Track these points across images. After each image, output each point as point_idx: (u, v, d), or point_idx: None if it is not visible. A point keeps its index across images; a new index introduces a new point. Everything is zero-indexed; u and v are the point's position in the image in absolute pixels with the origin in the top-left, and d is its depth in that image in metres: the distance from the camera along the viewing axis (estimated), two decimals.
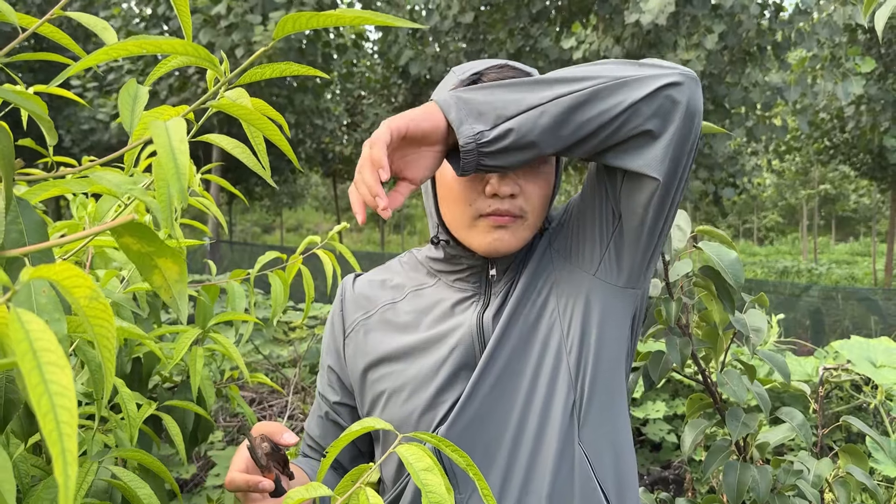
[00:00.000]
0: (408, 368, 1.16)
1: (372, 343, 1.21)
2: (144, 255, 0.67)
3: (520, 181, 1.09)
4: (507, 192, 1.08)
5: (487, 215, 1.09)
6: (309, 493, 0.76)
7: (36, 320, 0.41)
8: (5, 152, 0.61)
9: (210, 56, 0.67)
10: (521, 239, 1.12)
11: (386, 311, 1.22)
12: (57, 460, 0.37)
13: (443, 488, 0.71)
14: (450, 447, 0.75)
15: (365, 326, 1.23)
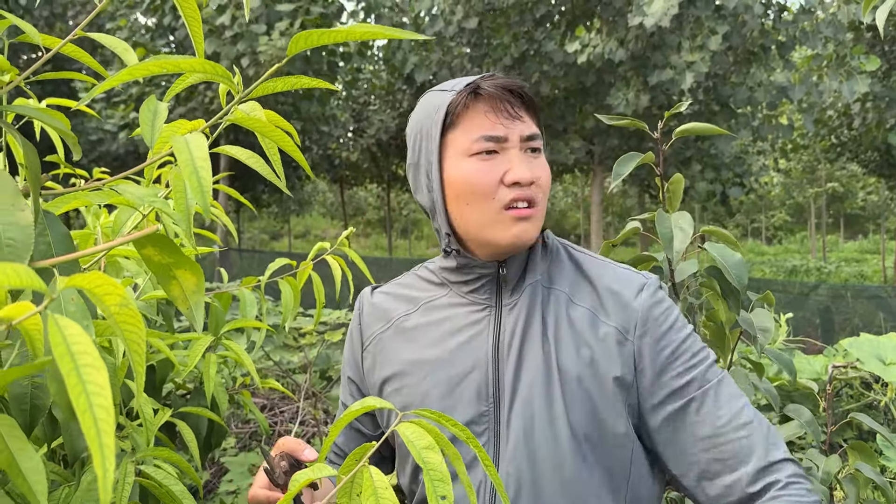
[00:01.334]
0: (420, 383, 1.17)
1: (388, 356, 1.22)
2: (164, 266, 0.70)
3: (532, 167, 1.11)
4: (528, 178, 1.09)
5: (510, 207, 1.10)
6: (315, 473, 0.78)
7: (73, 325, 0.43)
8: (33, 168, 0.64)
9: (226, 72, 0.70)
10: (538, 228, 1.13)
11: (401, 323, 1.23)
12: (96, 455, 0.39)
13: (444, 466, 0.72)
14: (450, 421, 0.76)
15: (381, 340, 1.25)
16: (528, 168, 1.10)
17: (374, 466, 1.30)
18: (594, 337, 1.10)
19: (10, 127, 0.65)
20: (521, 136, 1.11)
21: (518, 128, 1.11)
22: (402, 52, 16.30)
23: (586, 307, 1.12)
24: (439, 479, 0.71)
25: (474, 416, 1.12)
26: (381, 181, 27.59)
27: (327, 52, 15.33)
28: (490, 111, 1.11)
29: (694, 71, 11.79)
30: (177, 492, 0.95)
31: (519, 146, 1.11)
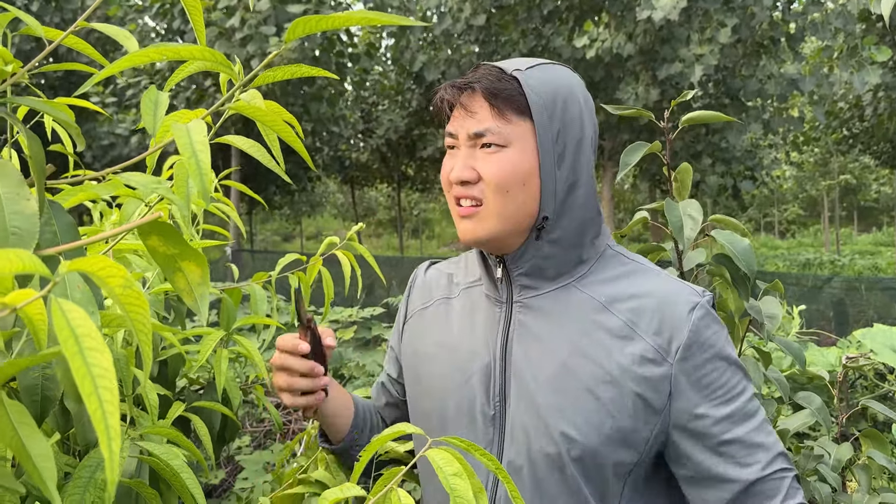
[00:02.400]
0: (437, 371, 1.21)
1: (421, 334, 1.28)
2: (169, 257, 0.70)
3: (476, 165, 1.10)
4: (455, 178, 1.11)
5: (456, 203, 1.13)
6: (343, 493, 0.79)
7: (76, 309, 0.44)
8: (37, 158, 0.64)
9: (225, 60, 0.70)
10: (490, 227, 1.09)
11: (440, 305, 1.27)
12: (102, 436, 0.40)
13: (471, 494, 0.73)
14: (479, 451, 0.77)
15: (422, 316, 1.30)
16: (463, 167, 1.10)
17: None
18: (621, 350, 1.05)
19: (13, 117, 0.65)
20: (468, 133, 1.10)
21: (466, 125, 1.11)
22: (411, 52, 16.31)
23: (622, 319, 1.07)
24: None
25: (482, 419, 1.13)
26: (391, 181, 27.64)
27: (336, 53, 15.37)
28: (455, 107, 1.15)
29: (703, 64, 11.73)
30: (176, 466, 0.95)
31: (469, 142, 1.11)
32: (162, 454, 0.99)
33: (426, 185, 27.28)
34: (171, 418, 1.31)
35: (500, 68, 1.12)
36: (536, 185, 1.09)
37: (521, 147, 1.09)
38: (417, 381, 1.25)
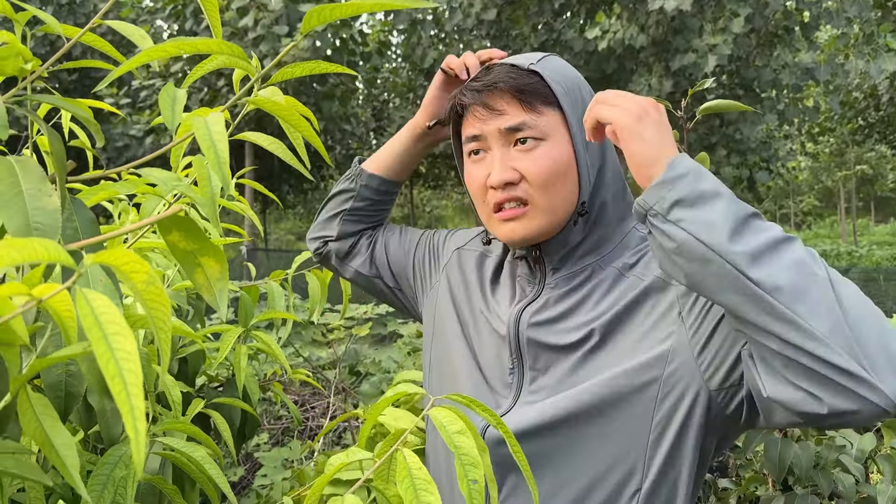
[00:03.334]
0: (455, 317, 1.25)
1: (458, 282, 1.30)
2: (189, 252, 0.71)
3: (516, 165, 1.07)
4: (497, 181, 1.07)
5: (496, 210, 1.10)
6: (349, 457, 0.79)
7: (100, 297, 0.44)
8: (58, 155, 0.65)
9: (243, 55, 0.70)
10: (538, 226, 1.09)
11: (479, 258, 1.30)
12: (127, 417, 0.40)
13: (475, 451, 0.73)
14: (480, 407, 0.77)
15: (461, 256, 1.33)
16: (503, 169, 1.07)
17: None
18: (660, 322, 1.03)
19: (35, 115, 0.66)
20: (500, 130, 1.08)
21: (495, 123, 1.08)
22: (422, 48, 16.29)
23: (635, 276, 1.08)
24: (470, 462, 0.72)
25: (501, 364, 1.15)
26: None
27: (347, 51, 15.40)
28: (470, 111, 1.12)
29: (716, 54, 11.65)
30: (199, 458, 0.96)
31: (501, 141, 1.09)
32: (184, 449, 1.00)
33: (438, 182, 27.26)
34: (191, 415, 1.32)
35: (512, 65, 1.11)
36: (574, 173, 1.09)
37: (556, 138, 1.08)
38: (450, 321, 1.27)
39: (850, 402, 0.77)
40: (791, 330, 0.78)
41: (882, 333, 0.79)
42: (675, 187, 0.87)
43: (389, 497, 0.77)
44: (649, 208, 0.89)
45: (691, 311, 1.00)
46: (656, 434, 1.01)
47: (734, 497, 1.81)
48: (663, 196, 0.87)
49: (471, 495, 0.70)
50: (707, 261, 0.83)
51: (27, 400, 0.62)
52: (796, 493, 1.52)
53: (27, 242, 0.45)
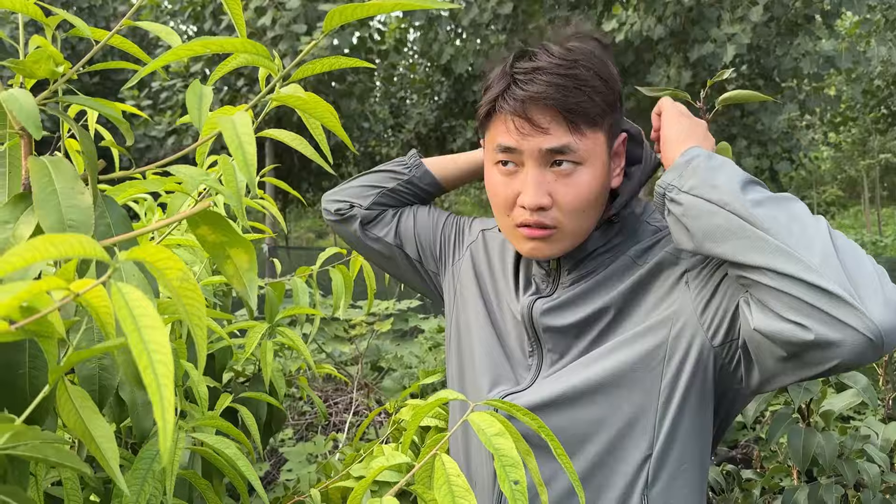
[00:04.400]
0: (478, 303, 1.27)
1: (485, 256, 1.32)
2: (218, 245, 0.72)
3: (551, 189, 1.05)
4: (532, 203, 1.05)
5: (521, 226, 1.09)
6: (390, 460, 0.81)
7: (134, 290, 0.46)
8: (90, 154, 0.67)
9: (267, 53, 0.72)
10: (563, 248, 1.10)
11: (503, 245, 1.31)
12: (157, 407, 0.42)
13: (514, 452, 0.74)
14: (521, 411, 0.78)
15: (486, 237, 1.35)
16: (537, 193, 1.04)
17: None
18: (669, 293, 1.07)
19: (66, 116, 0.68)
20: (540, 149, 1.04)
21: (535, 141, 1.04)
22: (439, 44, 16.28)
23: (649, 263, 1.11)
24: (511, 464, 0.73)
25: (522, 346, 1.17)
26: None
27: (365, 49, 15.43)
28: (509, 119, 1.06)
29: (735, 43, 11.53)
30: (230, 454, 0.98)
31: (538, 161, 1.05)
32: (215, 444, 1.02)
33: None
34: (219, 409, 1.34)
35: (561, 73, 1.04)
36: (607, 192, 1.11)
37: (594, 162, 1.07)
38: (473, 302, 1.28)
39: (835, 329, 0.81)
40: (784, 261, 0.85)
41: (873, 270, 0.85)
42: (691, 167, 0.98)
43: (429, 501, 0.78)
44: (667, 185, 1.00)
45: (697, 275, 1.04)
46: (664, 397, 1.03)
47: (758, 488, 1.81)
48: (680, 174, 0.99)
49: (513, 496, 0.70)
50: (712, 213, 0.92)
51: (66, 392, 0.64)
52: (821, 483, 1.52)
53: (64, 238, 0.46)
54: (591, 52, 1.07)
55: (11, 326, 0.52)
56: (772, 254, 0.86)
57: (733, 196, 0.91)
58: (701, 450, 1.07)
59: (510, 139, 1.06)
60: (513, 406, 0.78)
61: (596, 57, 1.07)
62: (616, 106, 1.09)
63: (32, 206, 0.65)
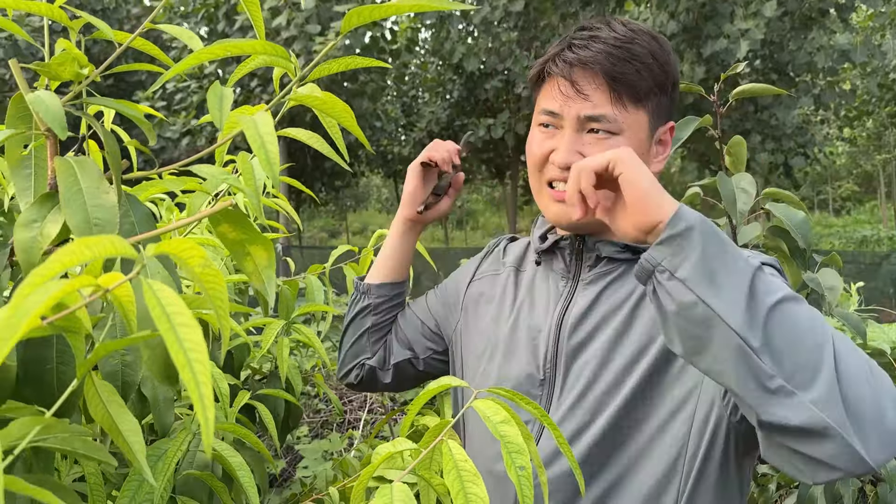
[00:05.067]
0: (491, 339, 1.22)
1: (488, 299, 1.29)
2: (238, 242, 0.74)
3: (584, 150, 1.06)
4: (562, 161, 1.07)
5: (550, 185, 1.11)
6: (395, 447, 0.82)
7: (165, 288, 0.47)
8: (113, 154, 0.68)
9: (285, 53, 0.73)
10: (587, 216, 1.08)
11: (511, 273, 1.28)
12: (197, 405, 0.43)
13: (520, 438, 0.75)
14: (524, 400, 0.78)
15: (494, 281, 1.31)
16: (569, 152, 1.06)
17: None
18: None
19: (90, 117, 0.69)
20: (579, 116, 1.06)
21: (576, 106, 1.06)
22: (451, 42, 16.29)
23: None
24: (517, 450, 0.74)
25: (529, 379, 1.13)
26: None
27: (378, 49, 15.49)
28: (556, 83, 1.10)
29: (749, 38, 11.47)
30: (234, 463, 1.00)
31: (575, 126, 1.07)
32: (223, 451, 1.04)
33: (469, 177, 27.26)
34: (237, 407, 1.36)
35: (617, 45, 1.05)
36: None
37: (631, 136, 1.07)
38: (478, 342, 1.25)
39: (829, 471, 0.77)
40: (784, 407, 0.77)
41: (873, 397, 0.78)
42: (687, 243, 0.81)
43: (435, 486, 0.79)
44: (657, 264, 0.83)
45: None
46: (693, 447, 1.00)
47: (774, 483, 1.81)
48: (674, 252, 0.81)
49: (519, 482, 0.71)
50: (710, 326, 0.78)
51: (93, 386, 0.65)
52: None
53: (97, 240, 0.48)
54: (653, 36, 1.09)
55: (43, 321, 0.53)
56: (773, 395, 0.77)
57: (734, 309, 0.78)
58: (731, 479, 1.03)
59: (554, 103, 1.09)
60: (515, 394, 0.78)
61: (656, 41, 1.09)
62: (666, 89, 1.08)
63: (59, 206, 0.66)
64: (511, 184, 21.12)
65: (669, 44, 1.12)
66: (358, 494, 0.78)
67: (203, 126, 15.93)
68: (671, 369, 1.02)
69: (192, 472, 1.07)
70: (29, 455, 0.71)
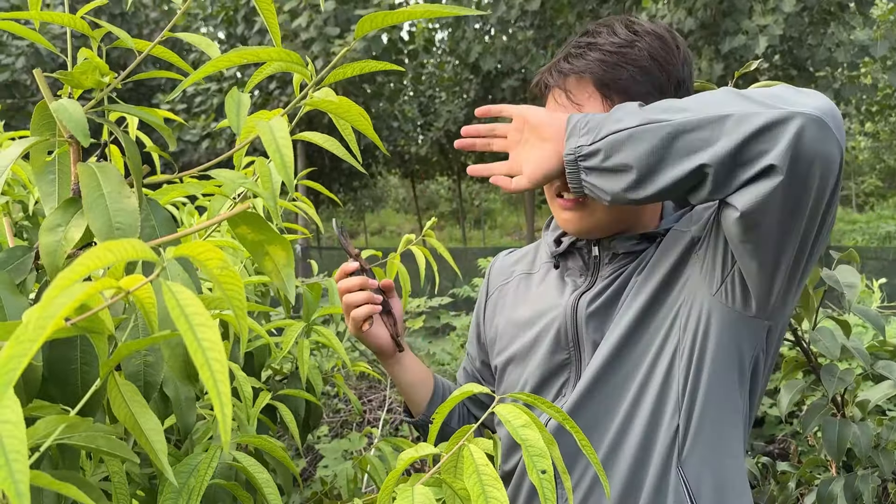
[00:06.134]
0: (513, 341, 1.25)
1: (503, 306, 1.32)
2: (257, 243, 0.75)
3: None
4: None
5: (559, 195, 1.13)
6: (419, 452, 0.83)
7: (184, 290, 0.48)
8: (134, 159, 0.70)
9: (300, 60, 0.75)
10: (595, 222, 1.12)
11: (521, 279, 1.31)
12: (215, 402, 0.44)
13: (541, 442, 0.75)
14: (545, 404, 0.79)
15: (503, 291, 1.34)
16: None
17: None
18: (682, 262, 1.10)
19: (112, 124, 0.71)
20: None
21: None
22: (467, 42, 16.30)
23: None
24: (538, 454, 0.74)
25: (554, 365, 1.17)
26: (451, 173, 27.69)
27: (395, 50, 15.53)
28: (553, 95, 1.12)
29: (767, 34, 11.37)
30: (261, 480, 1.01)
31: None
32: (248, 466, 1.05)
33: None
34: (259, 407, 1.38)
35: (611, 50, 1.06)
36: None
37: None
38: (503, 350, 1.28)
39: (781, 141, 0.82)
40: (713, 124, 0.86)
41: (792, 90, 0.88)
42: (581, 127, 0.96)
43: (458, 490, 0.80)
44: (575, 150, 0.96)
45: (701, 240, 1.08)
46: (685, 365, 1.06)
47: (793, 480, 1.80)
48: (580, 136, 0.96)
49: (541, 485, 0.72)
50: (631, 137, 0.90)
51: (116, 386, 0.67)
52: (857, 473, 1.51)
53: (120, 244, 0.49)
54: (658, 36, 1.09)
55: (67, 322, 0.55)
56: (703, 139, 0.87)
57: (640, 113, 0.91)
58: (732, 417, 1.08)
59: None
60: (536, 398, 0.80)
61: (660, 41, 1.09)
62: (666, 90, 1.08)
63: (82, 210, 0.68)
64: None
65: (682, 42, 1.11)
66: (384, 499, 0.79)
67: (222, 129, 16.06)
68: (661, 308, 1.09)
69: (218, 482, 1.09)
70: (55, 453, 0.73)
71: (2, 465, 0.43)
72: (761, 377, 1.10)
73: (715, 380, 1.05)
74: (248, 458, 1.11)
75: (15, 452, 0.44)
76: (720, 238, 1.01)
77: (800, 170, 0.83)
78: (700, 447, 1.05)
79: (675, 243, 1.10)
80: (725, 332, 1.03)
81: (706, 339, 1.04)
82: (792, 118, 0.82)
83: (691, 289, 1.06)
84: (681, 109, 0.89)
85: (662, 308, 1.08)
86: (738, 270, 0.99)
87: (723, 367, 1.05)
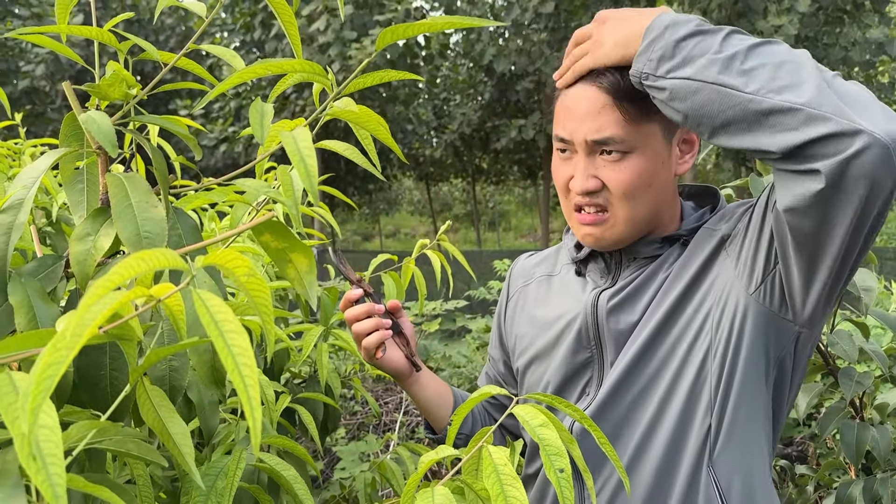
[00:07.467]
0: (534, 342, 1.26)
1: (524, 307, 1.32)
2: (280, 250, 0.77)
3: (600, 174, 1.08)
4: (579, 189, 1.09)
5: (578, 210, 1.12)
6: (439, 454, 0.84)
7: (214, 297, 0.50)
8: (161, 169, 0.72)
9: (321, 70, 0.76)
10: (618, 233, 1.11)
11: (542, 281, 1.32)
12: (246, 406, 0.46)
13: (559, 441, 0.76)
14: (563, 404, 0.80)
15: (524, 292, 1.34)
16: (584, 178, 1.08)
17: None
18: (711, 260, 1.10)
19: (138, 135, 0.73)
20: (587, 141, 1.07)
21: (583, 130, 1.07)
22: (482, 44, 16.32)
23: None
24: (555, 453, 0.75)
25: (577, 364, 1.18)
26: (465, 175, 27.70)
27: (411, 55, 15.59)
28: (563, 106, 1.11)
29: (782, 35, 11.31)
30: (289, 477, 1.02)
31: (585, 150, 1.08)
32: (275, 466, 1.06)
33: (501, 178, 27.23)
34: (279, 409, 1.39)
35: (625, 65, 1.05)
36: (661, 181, 1.10)
37: (645, 150, 1.07)
38: (524, 351, 1.29)
39: (837, 154, 0.82)
40: (779, 116, 0.85)
41: (868, 95, 0.87)
42: (654, 48, 0.95)
43: (478, 490, 0.81)
44: (640, 73, 0.97)
45: (732, 238, 1.07)
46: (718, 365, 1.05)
47: (812, 483, 1.80)
48: (649, 59, 0.96)
49: (559, 484, 0.73)
50: (695, 91, 0.91)
51: (144, 391, 0.69)
52: (876, 476, 1.51)
53: (151, 254, 0.51)
54: None
55: (100, 330, 0.57)
56: (765, 115, 0.86)
57: (706, 69, 0.90)
58: (761, 416, 1.08)
59: (563, 130, 1.10)
60: (555, 399, 0.80)
61: None
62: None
63: (110, 220, 0.70)
64: (543, 184, 21.04)
65: None
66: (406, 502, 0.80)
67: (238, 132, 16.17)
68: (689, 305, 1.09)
69: (241, 484, 1.10)
70: (83, 457, 0.75)
71: (40, 468, 0.45)
72: (787, 382, 1.10)
73: (747, 379, 1.05)
74: (274, 457, 1.12)
75: (52, 456, 0.46)
76: (764, 236, 1.01)
77: (845, 185, 0.83)
78: (731, 446, 1.05)
79: (704, 242, 1.10)
80: (759, 330, 1.04)
81: (741, 337, 1.04)
82: (858, 135, 0.81)
83: (722, 287, 1.06)
84: (754, 77, 0.88)
85: (691, 306, 1.08)
86: (779, 272, 0.99)
87: (754, 366, 1.05)
